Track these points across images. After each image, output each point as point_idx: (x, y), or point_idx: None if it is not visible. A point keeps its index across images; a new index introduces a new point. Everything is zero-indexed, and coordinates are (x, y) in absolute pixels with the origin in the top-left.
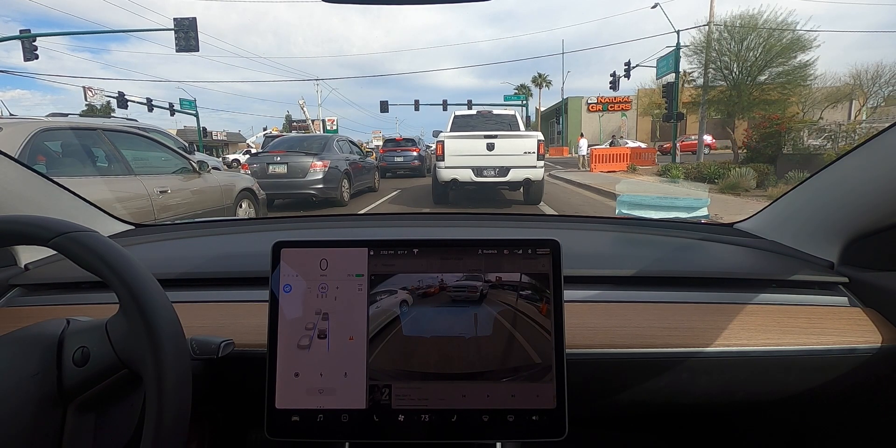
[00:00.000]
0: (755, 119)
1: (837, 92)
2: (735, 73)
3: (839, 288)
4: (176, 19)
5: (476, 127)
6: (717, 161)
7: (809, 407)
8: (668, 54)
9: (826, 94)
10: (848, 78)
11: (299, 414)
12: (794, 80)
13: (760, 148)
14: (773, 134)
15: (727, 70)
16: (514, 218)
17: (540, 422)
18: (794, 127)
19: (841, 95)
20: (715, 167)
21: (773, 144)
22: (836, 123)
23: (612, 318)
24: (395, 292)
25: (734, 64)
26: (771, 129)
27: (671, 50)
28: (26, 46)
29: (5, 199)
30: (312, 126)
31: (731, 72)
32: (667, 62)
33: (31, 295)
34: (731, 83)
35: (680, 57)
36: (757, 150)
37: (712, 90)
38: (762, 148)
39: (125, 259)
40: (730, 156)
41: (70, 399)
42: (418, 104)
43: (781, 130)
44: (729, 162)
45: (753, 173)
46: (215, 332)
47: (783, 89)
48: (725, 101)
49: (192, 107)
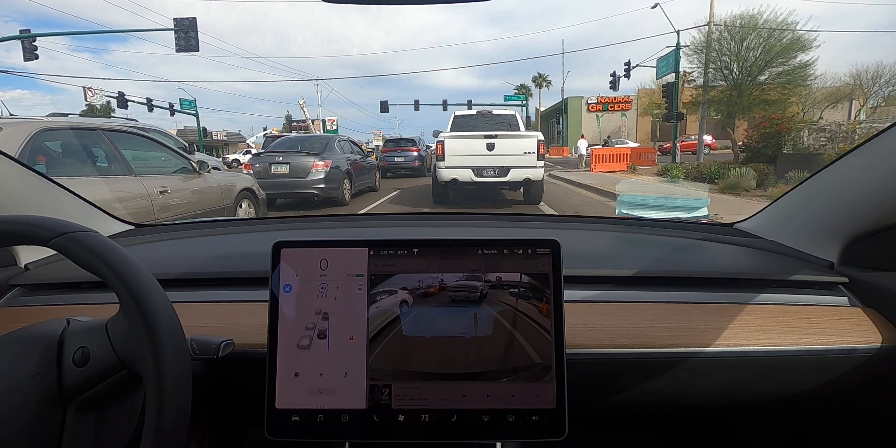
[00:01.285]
0: (755, 119)
1: (837, 92)
2: (735, 73)
3: (839, 288)
4: (176, 19)
5: (476, 127)
6: (716, 161)
7: (809, 407)
8: (668, 54)
9: (826, 95)
10: (848, 78)
11: (299, 414)
12: (794, 80)
13: (760, 148)
14: (773, 134)
15: (727, 70)
16: (514, 218)
17: (540, 422)
18: (795, 127)
19: (841, 95)
20: (715, 167)
21: (774, 144)
22: (836, 123)
23: (612, 318)
24: (395, 292)
25: (734, 64)
26: (771, 130)
27: (671, 50)
28: (26, 46)
29: (5, 199)
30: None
31: (732, 72)
32: (667, 62)
33: (31, 295)
34: (731, 83)
35: (680, 57)
36: (757, 150)
37: (712, 90)
38: (762, 148)
39: (125, 259)
40: (730, 156)
41: (70, 399)
42: (418, 104)
43: (781, 130)
44: (729, 162)
45: (753, 173)
46: (215, 332)
47: (783, 89)
48: (726, 101)
49: (192, 107)
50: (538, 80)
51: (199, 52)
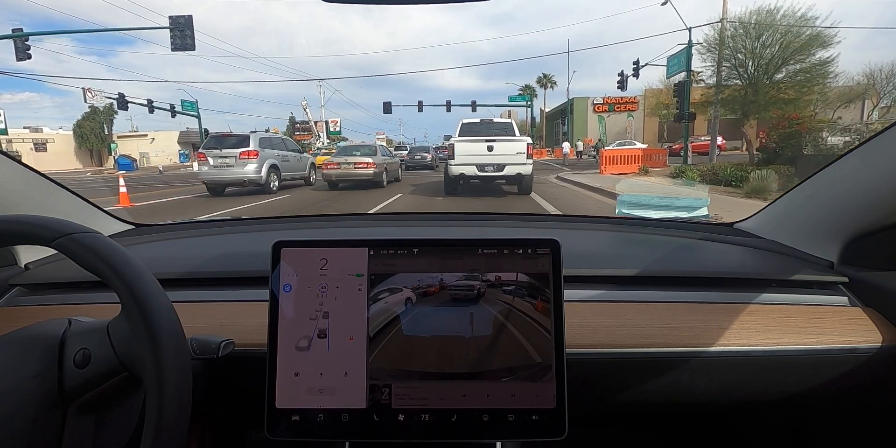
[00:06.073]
0: (774, 118)
1: (850, 91)
2: (751, 71)
3: (839, 287)
4: (172, 17)
5: (479, 132)
6: (730, 162)
7: (809, 407)
8: (680, 52)
9: (838, 94)
10: (861, 77)
11: (299, 413)
12: (814, 78)
13: (779, 149)
14: (793, 134)
15: (742, 68)
16: (515, 218)
17: (540, 421)
18: (816, 127)
19: (854, 95)
20: (732, 169)
21: (794, 145)
22: (862, 122)
23: (612, 318)
24: (401, 290)
25: (750, 61)
26: (791, 130)
27: (683, 48)
28: (19, 46)
29: (6, 199)
30: (315, 127)
31: (747, 69)
32: (678, 60)
33: (32, 295)
34: (746, 81)
35: (692, 55)
36: (774, 151)
37: (726, 89)
38: (782, 149)
39: (127, 261)
40: (740, 157)
41: (70, 401)
42: (421, 105)
43: (802, 130)
44: (744, 163)
45: (775, 176)
46: (215, 331)
47: (801, 87)
48: (740, 100)
49: (194, 108)
50: (543, 80)
51: (195, 50)
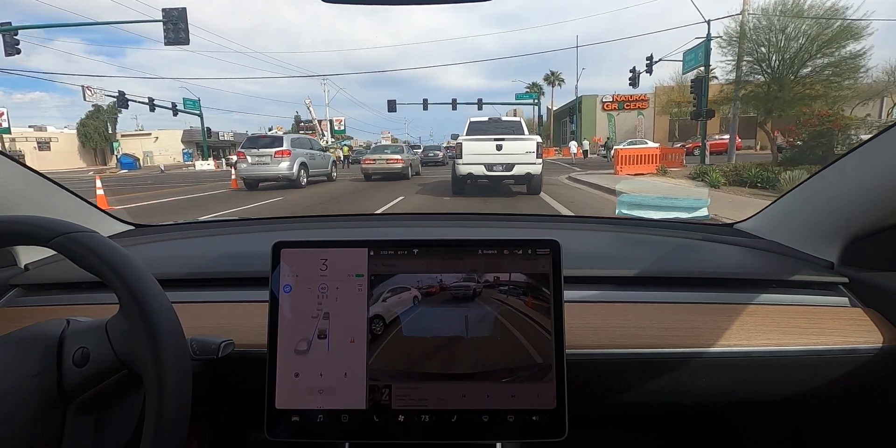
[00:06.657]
0: (804, 115)
1: (870, 89)
2: (774, 66)
3: (839, 288)
4: (165, 10)
5: (487, 131)
6: (752, 162)
7: (810, 407)
8: (697, 46)
9: (856, 91)
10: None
11: (299, 414)
12: (843, 73)
13: (808, 148)
14: (824, 132)
15: (764, 62)
16: (515, 218)
17: (540, 422)
18: (851, 124)
19: (873, 92)
20: (757, 170)
21: (825, 144)
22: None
23: (613, 318)
24: (408, 289)
25: (773, 55)
26: (822, 127)
27: (700, 41)
28: (7, 41)
29: (5, 199)
30: (319, 126)
31: (770, 64)
32: (695, 55)
33: (31, 295)
34: (769, 77)
35: (710, 49)
36: (801, 150)
37: (747, 85)
38: (811, 147)
39: (126, 260)
40: (755, 156)
41: (70, 400)
42: (426, 103)
43: (835, 128)
44: (767, 163)
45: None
46: (215, 332)
47: (829, 83)
48: (763, 96)
49: (196, 107)
50: (551, 78)
51: (188, 44)
